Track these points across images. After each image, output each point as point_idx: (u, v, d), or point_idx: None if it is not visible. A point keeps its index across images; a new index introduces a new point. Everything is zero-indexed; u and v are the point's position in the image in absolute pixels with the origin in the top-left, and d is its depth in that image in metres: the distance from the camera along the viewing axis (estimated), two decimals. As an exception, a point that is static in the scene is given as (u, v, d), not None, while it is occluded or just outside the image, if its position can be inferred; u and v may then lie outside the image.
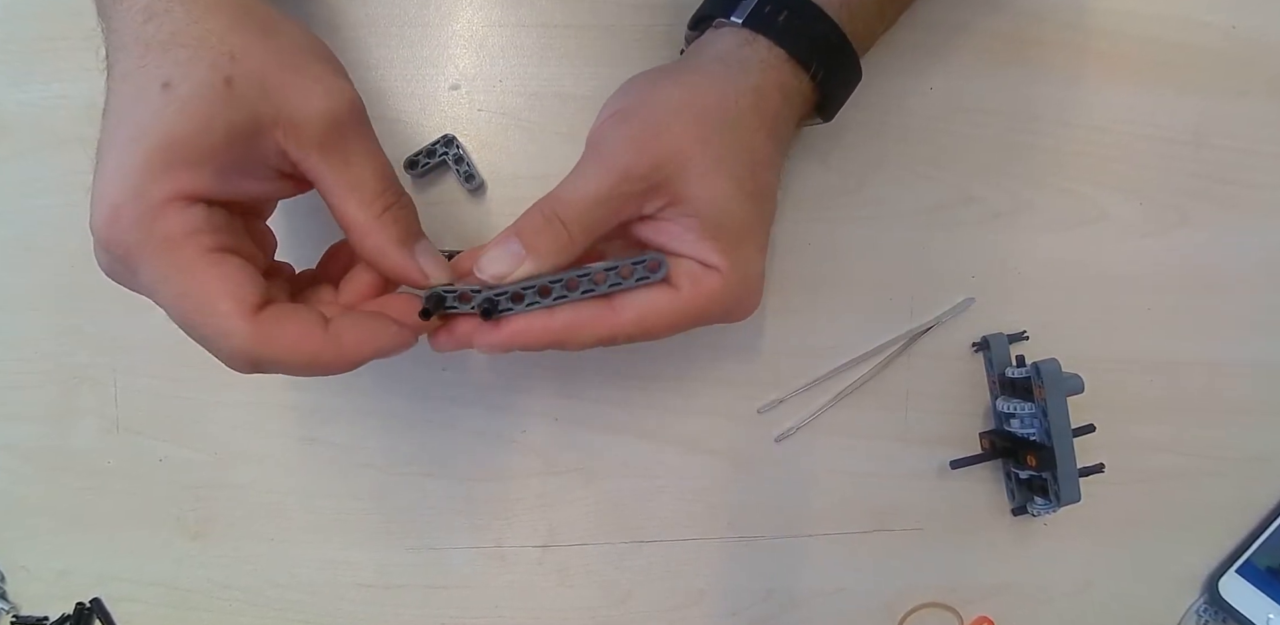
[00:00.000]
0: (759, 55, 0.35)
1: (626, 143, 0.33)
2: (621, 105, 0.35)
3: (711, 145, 0.33)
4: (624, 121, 0.34)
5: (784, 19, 0.35)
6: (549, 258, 0.33)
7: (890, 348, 0.45)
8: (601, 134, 0.35)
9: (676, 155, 0.33)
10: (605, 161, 0.33)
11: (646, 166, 0.33)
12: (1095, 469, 0.43)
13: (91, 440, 0.44)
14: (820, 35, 0.36)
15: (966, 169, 0.45)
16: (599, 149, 0.34)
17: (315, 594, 0.45)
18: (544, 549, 0.45)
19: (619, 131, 0.34)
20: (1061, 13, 0.45)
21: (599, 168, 0.33)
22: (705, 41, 0.37)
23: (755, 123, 0.35)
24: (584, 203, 0.33)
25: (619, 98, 0.36)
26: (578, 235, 0.33)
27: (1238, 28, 0.46)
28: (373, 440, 0.44)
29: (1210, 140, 0.46)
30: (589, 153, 0.34)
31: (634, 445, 0.45)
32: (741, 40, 0.35)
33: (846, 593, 0.46)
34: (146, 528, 0.45)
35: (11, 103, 0.43)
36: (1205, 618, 0.48)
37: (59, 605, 0.45)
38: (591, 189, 0.33)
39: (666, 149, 0.33)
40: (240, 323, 0.28)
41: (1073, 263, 0.46)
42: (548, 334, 0.33)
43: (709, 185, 0.33)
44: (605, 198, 0.33)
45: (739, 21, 0.35)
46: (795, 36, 0.35)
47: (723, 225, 0.34)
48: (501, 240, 0.33)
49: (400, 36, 0.43)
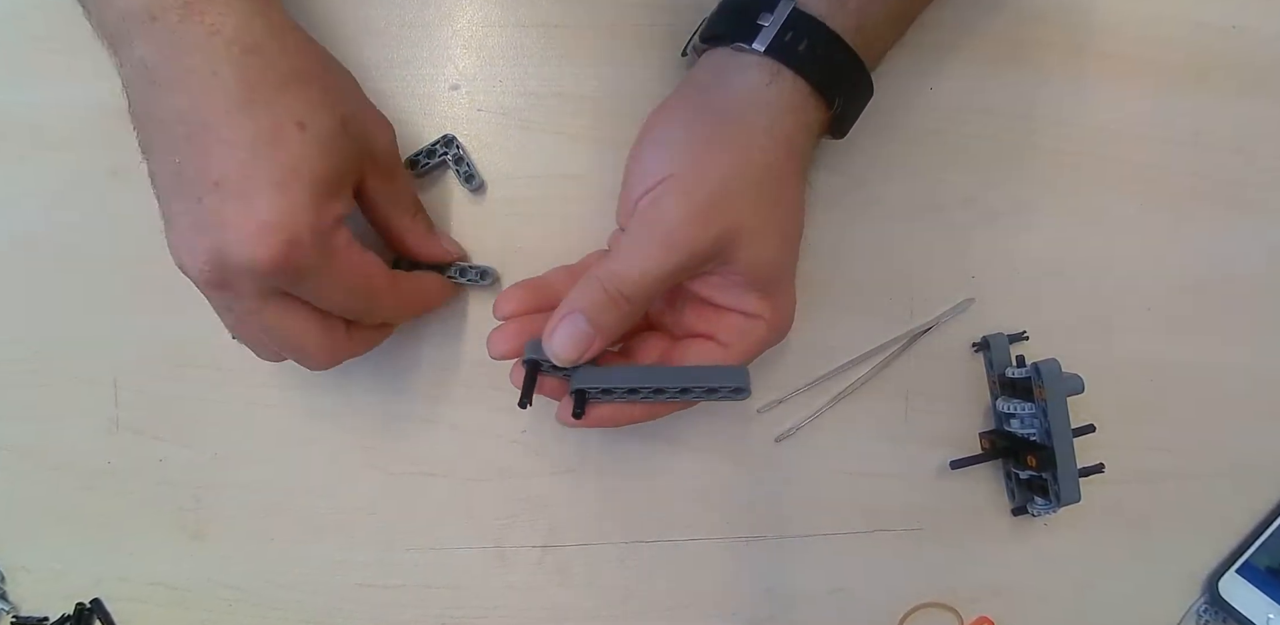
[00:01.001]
0: (784, 96, 0.35)
1: (689, 220, 0.34)
2: (669, 171, 0.35)
3: (760, 209, 0.35)
4: (679, 193, 0.34)
5: (805, 47, 0.35)
6: (615, 333, 0.35)
7: (890, 348, 0.45)
8: (660, 205, 0.35)
9: (735, 225, 0.34)
10: (669, 239, 0.34)
11: (709, 242, 0.34)
12: (1095, 469, 0.43)
13: (91, 440, 0.44)
14: (840, 63, 0.36)
15: (966, 169, 0.45)
16: (658, 225, 0.34)
17: (315, 594, 0.45)
18: (544, 549, 0.45)
19: (675, 206, 0.34)
20: (1062, 13, 0.45)
21: (663, 247, 0.34)
22: (725, 69, 0.37)
23: (790, 170, 0.36)
24: (649, 281, 0.34)
25: (661, 157, 0.36)
26: (640, 309, 0.35)
27: (1238, 28, 0.46)
28: (373, 440, 0.44)
29: (1210, 140, 0.46)
30: (647, 226, 0.35)
31: (634, 445, 0.45)
32: (766, 76, 0.35)
33: (846, 593, 0.46)
34: (146, 528, 0.45)
35: (11, 103, 0.43)
36: (1205, 618, 0.48)
37: (59, 605, 0.45)
38: (655, 268, 0.34)
39: (727, 222, 0.34)
40: (388, 283, 0.36)
41: (1073, 263, 0.46)
42: (628, 418, 0.38)
43: (761, 247, 0.35)
44: (669, 275, 0.34)
45: (760, 50, 0.35)
46: (818, 67, 0.35)
47: (765, 276, 0.36)
48: (567, 318, 0.35)
49: (400, 37, 0.43)
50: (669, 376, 0.35)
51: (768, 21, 0.35)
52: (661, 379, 0.35)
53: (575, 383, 0.36)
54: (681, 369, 0.37)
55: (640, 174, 0.36)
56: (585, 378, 0.35)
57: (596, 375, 0.35)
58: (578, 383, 0.35)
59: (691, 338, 0.38)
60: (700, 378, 0.35)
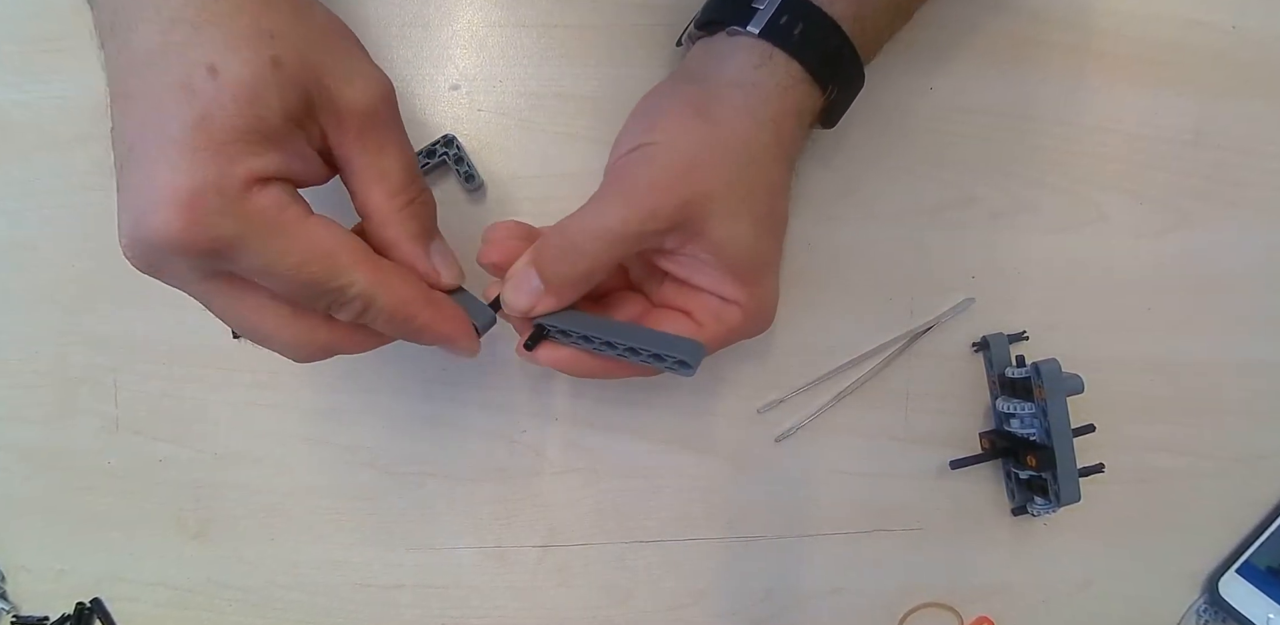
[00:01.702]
0: (775, 77, 0.35)
1: (654, 182, 0.33)
2: (647, 139, 0.34)
3: (735, 186, 0.34)
4: (651, 158, 0.34)
5: (800, 31, 0.35)
6: (568, 289, 0.34)
7: (890, 348, 0.45)
8: (627, 168, 0.34)
9: (702, 197, 0.33)
10: (631, 198, 0.33)
11: (672, 207, 0.33)
12: (1095, 469, 0.43)
13: (91, 440, 0.44)
14: (834, 49, 0.36)
15: (966, 169, 0.45)
16: (624, 184, 0.34)
17: (315, 594, 0.45)
18: (544, 549, 0.45)
19: (646, 169, 0.34)
20: (1062, 13, 0.45)
21: (624, 204, 0.33)
22: (718, 53, 0.37)
23: (774, 153, 0.35)
24: (606, 236, 0.33)
25: (641, 126, 0.36)
26: (594, 269, 0.34)
27: (1238, 28, 0.46)
28: (373, 440, 0.44)
29: (1210, 140, 0.46)
30: (613, 185, 0.34)
31: (634, 445, 0.45)
32: (758, 57, 0.35)
33: (846, 593, 0.46)
34: (146, 528, 0.45)
35: (11, 103, 0.43)
36: (1205, 618, 0.48)
37: (59, 605, 0.45)
38: (615, 224, 0.33)
39: (693, 191, 0.33)
40: (361, 271, 0.30)
41: (1073, 263, 0.46)
42: (580, 367, 0.36)
43: (731, 226, 0.34)
44: (628, 234, 0.33)
45: (754, 32, 0.35)
46: (812, 51, 0.35)
47: (742, 261, 0.35)
48: (521, 270, 0.34)
49: (400, 36, 0.43)
50: (624, 333, 0.34)
51: (763, 5, 0.35)
52: (616, 334, 0.34)
53: (539, 318, 0.35)
54: (640, 330, 0.35)
55: (619, 141, 0.36)
56: (552, 318, 0.35)
57: (562, 318, 0.35)
58: (541, 319, 0.35)
59: (669, 307, 0.37)
60: (653, 342, 0.34)
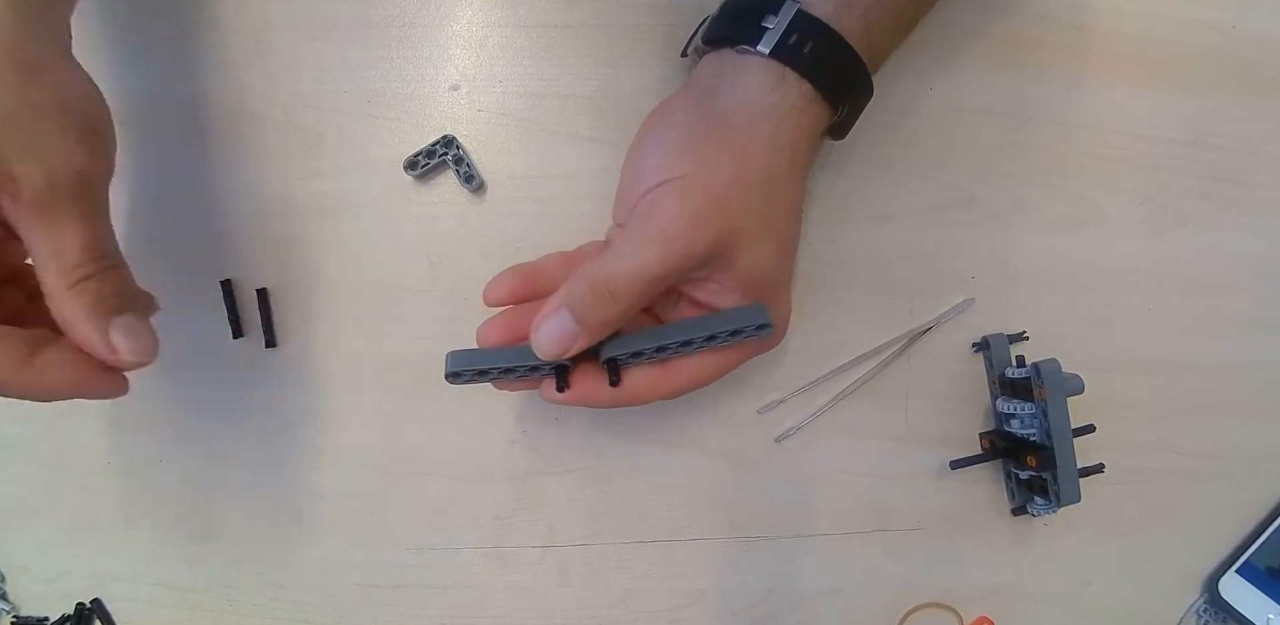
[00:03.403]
0: (790, 99, 0.35)
1: (686, 222, 0.33)
2: (673, 173, 0.34)
3: (759, 215, 0.35)
4: (680, 194, 0.34)
5: (810, 51, 0.35)
6: (602, 332, 0.34)
7: (890, 348, 0.45)
8: (656, 205, 0.34)
9: (732, 231, 0.34)
10: (664, 241, 0.33)
11: (705, 246, 0.34)
12: (1095, 469, 0.43)
13: (91, 440, 0.44)
14: (844, 67, 0.36)
15: (966, 169, 0.45)
16: (655, 225, 0.34)
17: (315, 594, 0.45)
18: (544, 549, 0.45)
19: (677, 206, 0.34)
20: (1062, 13, 0.45)
21: (658, 247, 0.33)
22: (729, 73, 0.36)
23: (791, 177, 0.36)
24: (640, 282, 0.33)
25: (664, 158, 0.35)
26: (629, 310, 0.34)
27: (1238, 28, 0.46)
28: (373, 440, 0.44)
29: (1210, 140, 0.46)
30: (643, 227, 0.34)
31: (634, 445, 0.45)
32: (772, 80, 0.35)
33: (846, 593, 0.46)
34: (146, 528, 0.45)
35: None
36: (1205, 618, 0.48)
37: (59, 605, 0.45)
38: (647, 269, 0.33)
39: (724, 228, 0.34)
40: None
41: (1073, 263, 0.46)
42: (611, 399, 0.36)
43: (754, 253, 0.35)
44: (661, 277, 0.34)
45: (764, 52, 0.35)
46: (824, 71, 0.35)
47: (761, 283, 0.36)
48: (554, 315, 0.34)
49: (400, 37, 0.43)
50: (691, 328, 0.35)
51: (772, 24, 0.35)
52: (684, 332, 0.35)
53: (605, 352, 0.35)
54: (699, 319, 0.36)
55: (639, 173, 0.36)
56: (610, 347, 0.35)
57: (620, 343, 0.35)
58: (607, 352, 0.35)
59: None
60: (721, 323, 0.35)
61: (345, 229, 0.44)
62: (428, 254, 0.44)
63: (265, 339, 0.43)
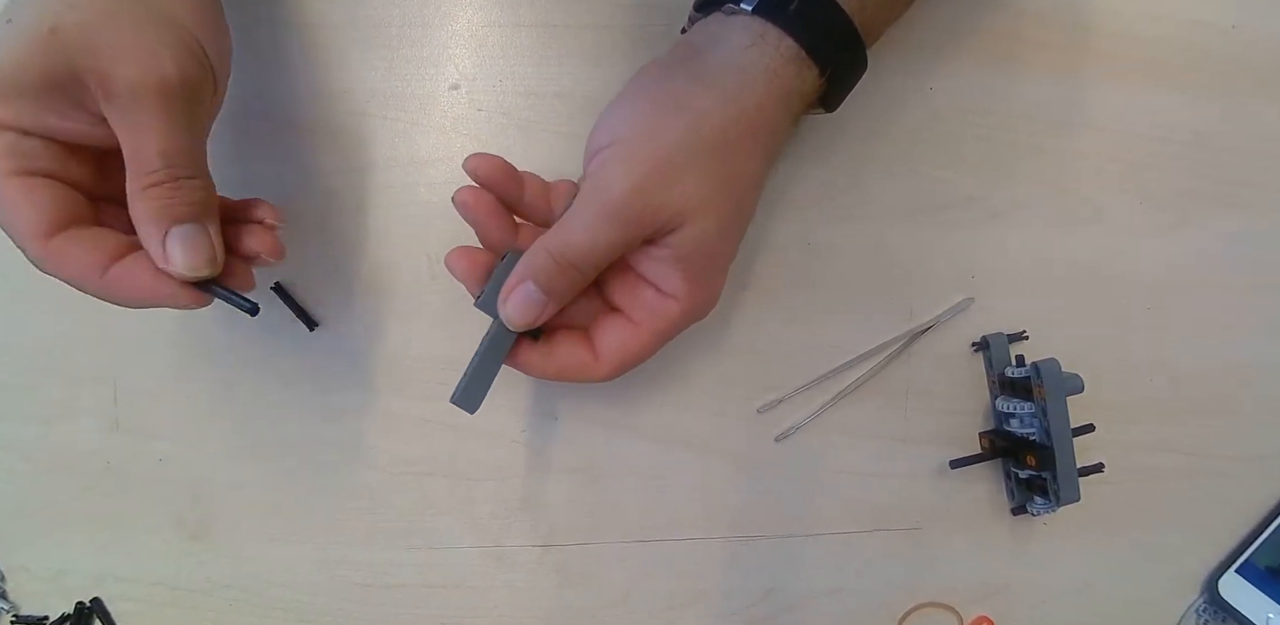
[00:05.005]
0: (766, 58, 0.34)
1: (634, 189, 0.33)
2: (623, 134, 0.34)
3: (707, 182, 0.34)
4: (628, 161, 0.34)
5: (795, 7, 0.34)
6: (567, 297, 0.35)
7: (890, 348, 0.45)
8: (605, 172, 0.34)
9: (680, 198, 0.34)
10: (613, 210, 0.33)
11: (653, 213, 0.34)
12: (1095, 469, 0.43)
13: (91, 440, 0.44)
14: (832, 25, 0.35)
15: (966, 169, 0.45)
16: (604, 193, 0.34)
17: (315, 594, 0.45)
18: (544, 549, 0.45)
19: (624, 174, 0.33)
20: (1061, 13, 0.45)
21: (607, 216, 0.34)
22: (711, 34, 0.36)
23: (750, 146, 0.35)
24: (597, 251, 0.34)
25: (618, 119, 0.35)
26: (591, 274, 0.35)
27: (1238, 28, 0.46)
28: (373, 440, 0.44)
29: (1210, 140, 0.46)
30: (594, 194, 0.34)
31: (634, 445, 0.45)
32: (751, 37, 0.34)
33: (846, 593, 0.46)
34: (146, 528, 0.45)
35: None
36: (1205, 617, 0.48)
37: (59, 605, 0.45)
38: (602, 238, 0.34)
39: (672, 195, 0.34)
40: (31, 242, 0.31)
41: (1073, 263, 0.46)
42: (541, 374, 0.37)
43: (696, 225, 0.34)
44: (615, 244, 0.34)
45: (748, 9, 0.34)
46: (808, 27, 0.34)
47: (695, 259, 0.35)
48: (520, 287, 0.35)
49: (400, 36, 0.43)
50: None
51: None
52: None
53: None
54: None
55: (596, 132, 0.36)
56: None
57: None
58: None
59: (607, 313, 0.38)
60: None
61: (344, 228, 0.44)
62: (426, 253, 0.44)
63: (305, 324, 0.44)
